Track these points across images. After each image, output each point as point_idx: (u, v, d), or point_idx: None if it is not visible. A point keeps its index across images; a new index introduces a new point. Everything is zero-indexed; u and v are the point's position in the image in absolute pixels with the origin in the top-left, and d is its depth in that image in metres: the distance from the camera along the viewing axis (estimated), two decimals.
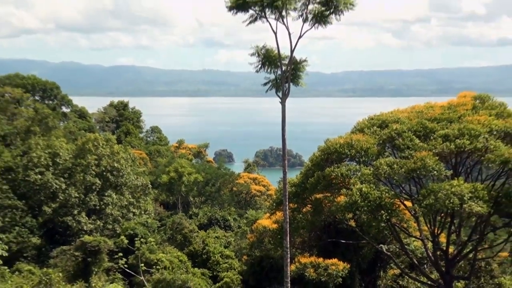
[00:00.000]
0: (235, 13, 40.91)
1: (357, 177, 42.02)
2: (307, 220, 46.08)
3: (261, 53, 42.62)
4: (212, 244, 66.63)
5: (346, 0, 40.25)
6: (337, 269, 49.59)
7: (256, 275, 56.93)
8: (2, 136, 79.97)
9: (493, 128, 41.60)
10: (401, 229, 47.05)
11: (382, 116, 46.24)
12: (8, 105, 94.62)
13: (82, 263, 55.51)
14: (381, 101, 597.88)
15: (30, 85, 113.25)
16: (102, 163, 73.89)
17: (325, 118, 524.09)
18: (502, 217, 44.84)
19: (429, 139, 42.05)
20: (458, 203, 38.14)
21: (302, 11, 40.82)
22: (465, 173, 43.48)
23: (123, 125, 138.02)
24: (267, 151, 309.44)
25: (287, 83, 41.83)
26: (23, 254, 64.24)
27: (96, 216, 71.83)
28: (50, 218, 70.04)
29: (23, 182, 70.25)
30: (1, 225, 65.72)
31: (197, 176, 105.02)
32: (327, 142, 45.28)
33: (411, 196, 43.33)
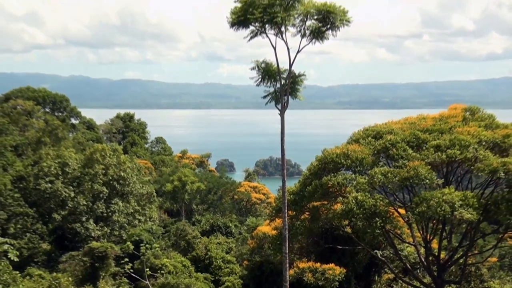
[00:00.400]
0: (236, 29, 41.01)
1: (352, 186, 42.05)
2: (305, 227, 46.01)
3: (261, 67, 42.71)
4: (214, 249, 66.56)
5: (342, 17, 40.41)
6: (334, 273, 49.58)
7: (256, 280, 56.88)
8: (14, 147, 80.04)
9: (482, 139, 41.68)
10: (395, 235, 47.04)
11: (376, 127, 46.28)
12: (20, 117, 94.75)
13: (90, 268, 55.48)
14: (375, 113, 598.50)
15: (41, 98, 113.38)
16: (109, 172, 73.94)
17: (322, 129, 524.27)
18: (491, 224, 44.96)
19: (421, 149, 42.11)
20: (449, 210, 38.18)
21: (300, 27, 40.93)
22: (456, 181, 43.52)
23: (129, 136, 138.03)
24: (267, 161, 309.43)
25: (286, 96, 41.89)
26: (34, 259, 64.25)
27: (104, 223, 71.85)
28: (60, 225, 70.10)
29: (34, 191, 70.31)
30: (13, 232, 65.78)
31: (200, 185, 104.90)
32: (324, 152, 45.30)
33: (405, 203, 43.35)
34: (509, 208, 40.01)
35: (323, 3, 40.31)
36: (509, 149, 42.04)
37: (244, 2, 40.08)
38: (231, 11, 40.86)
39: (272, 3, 39.71)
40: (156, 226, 76.00)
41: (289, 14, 40.30)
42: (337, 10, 40.27)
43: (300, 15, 40.49)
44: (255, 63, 42.93)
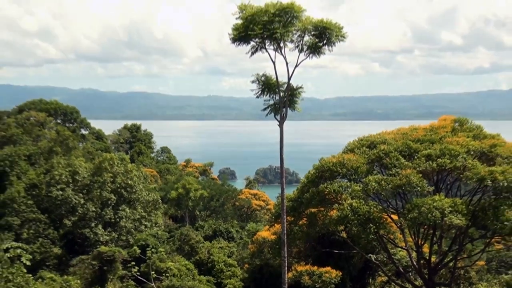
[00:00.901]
0: (238, 44, 41.12)
1: (348, 193, 42.09)
2: (303, 232, 45.99)
3: (261, 81, 42.80)
4: (217, 253, 66.45)
5: (338, 33, 40.53)
6: (330, 276, 49.55)
7: (256, 282, 56.81)
8: (27, 156, 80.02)
9: (471, 149, 41.76)
10: (388, 240, 47.03)
11: (370, 137, 46.36)
12: (33, 128, 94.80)
13: (99, 271, 55.42)
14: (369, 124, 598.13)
15: (53, 110, 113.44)
16: (117, 180, 73.89)
17: (319, 139, 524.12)
18: (478, 229, 44.87)
19: (413, 159, 42.16)
20: (440, 216, 38.24)
21: (298, 43, 41.02)
22: (446, 189, 43.55)
23: (136, 146, 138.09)
24: (267, 169, 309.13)
25: (284, 107, 41.92)
26: (45, 263, 64.12)
27: (111, 229, 71.75)
28: (70, 230, 70.02)
29: (46, 198, 70.28)
30: (26, 237, 65.80)
31: (203, 192, 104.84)
32: (321, 161, 45.35)
33: (397, 210, 43.35)
34: (496, 214, 40.04)
35: (320, 20, 40.43)
36: (495, 158, 42.09)
37: (245, 19, 40.19)
38: (233, 28, 40.96)
39: (271, 20, 39.81)
40: (161, 231, 75.93)
41: (288, 30, 40.40)
42: (333, 26, 40.39)
43: (298, 31, 40.60)
44: (255, 77, 43.04)
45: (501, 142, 43.72)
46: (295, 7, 40.34)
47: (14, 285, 33.64)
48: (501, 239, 47.21)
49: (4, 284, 33.25)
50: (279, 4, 40.17)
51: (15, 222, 67.33)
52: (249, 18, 40.07)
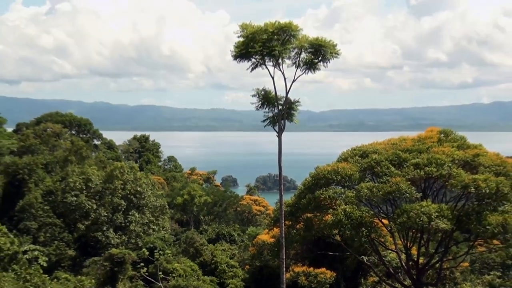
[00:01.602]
0: (239, 61, 41.22)
1: (342, 199, 42.11)
2: (300, 235, 45.92)
3: (261, 95, 42.87)
4: (220, 255, 66.32)
5: (332, 50, 40.63)
6: (325, 277, 49.49)
7: (257, 282, 56.69)
8: (44, 164, 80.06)
9: (455, 158, 41.79)
10: (379, 243, 46.97)
11: (363, 147, 46.35)
12: (50, 138, 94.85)
13: (110, 272, 55.32)
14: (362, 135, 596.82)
15: (68, 122, 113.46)
16: (127, 187, 73.87)
17: (315, 149, 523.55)
18: (463, 233, 44.83)
19: (402, 167, 42.16)
20: (427, 221, 38.26)
21: (296, 59, 41.13)
22: (432, 195, 43.52)
23: (145, 155, 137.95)
24: (266, 177, 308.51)
25: (283, 119, 41.97)
26: (60, 264, 64.06)
27: (122, 232, 71.68)
28: (83, 233, 69.99)
29: (61, 203, 70.28)
30: (43, 240, 65.87)
31: (207, 198, 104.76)
32: (316, 169, 45.34)
33: (388, 215, 43.31)
34: (478, 219, 40.06)
35: (315, 38, 40.53)
36: (478, 167, 42.10)
37: (246, 37, 40.29)
38: (234, 45, 41.08)
39: (270, 38, 39.90)
40: (168, 234, 75.85)
41: (286, 48, 40.49)
42: (328, 44, 40.47)
43: (295, 48, 40.69)
44: (255, 91, 43.13)
45: (483, 152, 43.79)
46: (292, 26, 40.45)
47: (31, 284, 33.68)
48: (484, 242, 47.24)
49: (22, 283, 33.30)
50: (277, 24, 40.30)
51: (33, 226, 67.40)
52: (249, 36, 40.18)
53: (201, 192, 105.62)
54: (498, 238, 42.76)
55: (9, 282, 32.41)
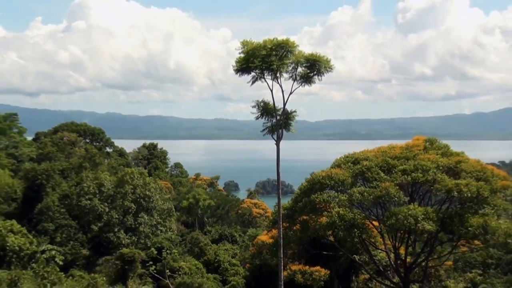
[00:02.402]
0: (240, 74, 41.22)
1: (335, 202, 42.09)
2: (296, 236, 45.86)
3: (260, 106, 42.89)
4: (222, 254, 66.31)
5: (326, 65, 40.67)
6: (319, 274, 49.50)
7: (256, 280, 56.71)
8: (61, 170, 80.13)
9: (440, 164, 41.82)
10: (370, 243, 46.95)
11: (354, 155, 46.38)
12: (66, 146, 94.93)
13: (121, 270, 55.26)
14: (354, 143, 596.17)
15: (82, 131, 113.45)
16: (136, 191, 73.89)
17: (311, 156, 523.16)
18: (446, 234, 44.79)
19: (391, 173, 42.18)
20: (414, 222, 38.26)
21: (292, 73, 41.17)
22: (419, 199, 43.52)
23: (153, 162, 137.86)
24: (265, 182, 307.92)
25: (280, 129, 41.99)
26: (75, 262, 64.05)
27: (132, 233, 71.67)
28: (97, 234, 70.00)
29: (76, 206, 70.32)
30: (59, 240, 65.93)
31: (210, 202, 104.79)
32: (312, 175, 45.34)
33: (378, 217, 43.31)
34: (461, 221, 40.09)
35: (311, 54, 40.58)
36: (460, 172, 42.14)
37: (246, 53, 40.35)
38: (236, 60, 41.12)
39: (269, 53, 39.95)
40: (174, 235, 75.85)
41: (283, 63, 40.53)
42: (322, 59, 40.52)
43: (292, 63, 40.73)
44: (255, 102, 43.14)
45: (465, 159, 43.85)
46: (289, 43, 40.52)
47: (48, 282, 33.70)
48: (466, 243, 47.29)
49: (40, 281, 33.32)
50: (275, 40, 40.36)
51: (50, 228, 67.47)
52: (250, 52, 40.23)
53: (205, 196, 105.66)
54: (479, 239, 42.73)
55: (28, 279, 32.41)
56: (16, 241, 54.95)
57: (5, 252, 53.57)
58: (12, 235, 55.70)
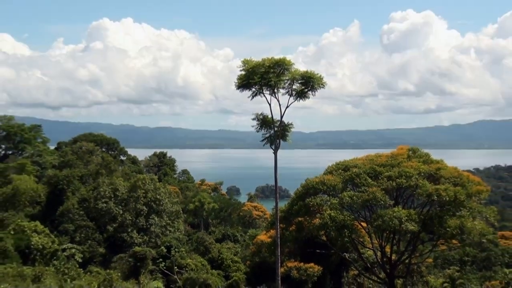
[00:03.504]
0: (241, 90, 41.28)
1: (327, 206, 42.07)
2: (292, 236, 45.84)
3: (260, 118, 42.91)
4: (225, 252, 66.27)
5: (319, 81, 40.72)
6: (313, 270, 49.51)
7: (256, 275, 56.62)
8: (80, 177, 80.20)
9: (421, 171, 41.87)
10: (359, 242, 46.94)
11: (345, 162, 46.42)
12: (84, 155, 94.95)
13: (134, 266, 55.25)
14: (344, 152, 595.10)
15: (99, 141, 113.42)
16: (148, 195, 73.86)
17: (305, 164, 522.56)
18: (427, 234, 44.78)
19: (378, 179, 42.22)
20: (398, 223, 38.30)
21: (289, 89, 41.21)
22: (403, 202, 43.53)
23: (163, 169, 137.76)
24: (264, 187, 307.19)
25: (278, 139, 42.02)
26: (93, 260, 63.94)
27: (144, 233, 71.57)
28: (112, 234, 69.89)
29: (93, 209, 70.28)
30: (79, 239, 65.89)
31: (214, 205, 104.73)
32: (306, 181, 45.37)
33: (366, 219, 43.32)
34: (440, 222, 40.15)
35: (305, 71, 40.66)
36: (440, 178, 42.20)
37: (247, 71, 40.43)
38: (237, 77, 41.19)
39: (267, 71, 40.04)
40: (182, 235, 75.75)
41: (280, 79, 40.61)
42: (316, 76, 40.60)
43: (288, 80, 40.78)
44: (255, 115, 43.16)
45: (444, 166, 43.93)
46: (285, 61, 40.62)
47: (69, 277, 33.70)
48: (445, 242, 47.14)
49: (61, 276, 33.32)
50: (273, 59, 40.45)
51: (70, 228, 67.47)
52: (250, 70, 40.31)
53: (209, 200, 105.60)
54: (456, 238, 42.74)
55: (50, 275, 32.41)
56: (40, 240, 55.07)
57: (30, 250, 53.76)
58: (36, 235, 55.83)
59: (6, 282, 26.81)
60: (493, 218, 42.04)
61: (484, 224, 41.32)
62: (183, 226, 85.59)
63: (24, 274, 30.36)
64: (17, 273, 30.21)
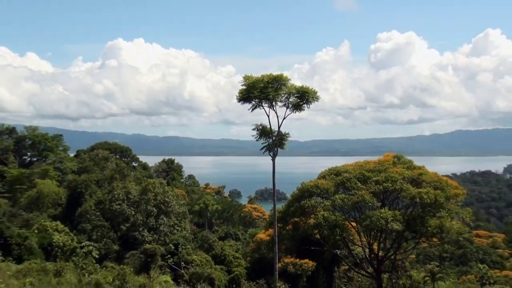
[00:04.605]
0: (242, 103, 41.43)
1: (321, 207, 42.10)
2: (289, 235, 45.84)
3: (259, 129, 43.03)
4: (227, 249, 66.20)
5: (313, 95, 40.92)
6: (308, 266, 49.53)
7: (256, 270, 56.60)
8: (96, 181, 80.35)
9: (405, 176, 41.96)
10: (349, 240, 46.94)
11: (337, 168, 46.48)
12: (100, 161, 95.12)
13: (144, 262, 55.29)
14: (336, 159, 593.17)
15: (114, 149, 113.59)
16: (157, 198, 73.90)
17: (301, 169, 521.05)
18: (411, 233, 44.85)
19: (366, 183, 42.26)
20: (384, 223, 38.35)
21: (285, 102, 41.38)
22: (389, 204, 43.60)
23: (171, 174, 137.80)
24: (263, 190, 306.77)
25: (276, 147, 42.17)
26: (108, 256, 63.97)
27: (153, 232, 71.57)
28: (125, 233, 69.93)
29: (108, 210, 70.37)
30: (95, 237, 66.01)
31: (218, 206, 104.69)
32: (302, 184, 45.42)
33: (355, 219, 43.35)
34: (422, 222, 40.21)
35: (301, 86, 40.86)
36: (422, 183, 42.28)
37: (247, 86, 40.62)
38: (239, 91, 41.36)
39: (266, 86, 40.22)
40: (188, 234, 75.75)
41: (278, 93, 40.79)
42: (310, 90, 40.81)
43: (285, 94, 40.97)
44: (255, 126, 43.27)
45: (425, 171, 44.03)
46: (283, 77, 40.83)
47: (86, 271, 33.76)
48: (426, 240, 47.26)
49: (79, 271, 33.40)
50: (271, 75, 40.67)
51: (88, 227, 67.55)
52: (250, 85, 40.49)
53: (213, 202, 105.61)
54: (436, 236, 42.93)
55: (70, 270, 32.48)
56: (61, 238, 55.17)
57: (52, 247, 53.94)
58: (57, 234, 55.96)
59: (31, 277, 26.90)
60: (468, 218, 42.17)
61: (461, 224, 41.46)
62: (189, 226, 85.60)
63: (47, 269, 30.42)
64: (41, 268, 30.27)
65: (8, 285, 22.87)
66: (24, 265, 32.30)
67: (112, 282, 28.86)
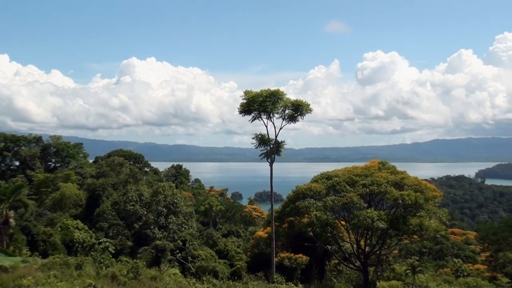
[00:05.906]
0: (243, 115, 41.83)
1: (314, 208, 42.28)
2: (285, 232, 45.99)
3: (258, 138, 43.34)
4: (230, 245, 65.96)
5: (307, 108, 41.30)
6: (302, 260, 49.45)
7: (255, 264, 56.45)
8: (112, 184, 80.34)
9: (389, 180, 42.16)
10: (339, 237, 47.03)
11: (328, 173, 46.68)
12: (116, 167, 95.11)
13: (155, 256, 55.14)
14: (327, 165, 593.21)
15: (128, 155, 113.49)
16: (167, 199, 73.72)
17: (296, 174, 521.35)
18: (394, 230, 44.94)
19: (355, 186, 42.46)
20: (371, 222, 38.48)
21: (282, 114, 41.76)
22: (375, 205, 43.74)
23: (179, 178, 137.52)
24: (262, 193, 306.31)
25: (273, 154, 42.36)
26: (123, 251, 63.74)
27: (163, 230, 71.32)
28: (138, 231, 69.67)
29: (123, 210, 70.24)
30: (112, 235, 65.86)
31: (221, 207, 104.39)
32: (297, 187, 45.61)
33: (345, 218, 43.48)
34: (404, 221, 40.40)
35: (295, 100, 41.22)
36: (404, 186, 42.47)
37: (248, 99, 40.96)
38: (240, 105, 41.75)
39: (264, 100, 40.57)
40: (195, 231, 75.47)
41: (275, 107, 41.12)
42: (304, 104, 41.14)
43: (282, 107, 41.32)
44: (254, 135, 43.68)
45: (407, 176, 44.24)
46: (279, 92, 41.15)
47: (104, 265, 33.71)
48: (407, 237, 47.26)
49: (97, 264, 33.38)
50: (269, 90, 41.04)
51: (105, 226, 67.44)
52: (250, 99, 40.85)
53: (217, 203, 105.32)
54: (417, 234, 42.95)
55: (89, 263, 32.46)
56: (81, 235, 55.17)
57: (73, 243, 53.96)
58: (78, 231, 55.94)
59: (54, 269, 26.90)
60: (445, 218, 42.38)
61: (438, 222, 41.62)
62: (195, 224, 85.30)
63: (69, 263, 30.39)
64: (63, 262, 30.26)
65: (34, 277, 22.88)
66: (49, 259, 32.28)
67: (126, 274, 28.82)
